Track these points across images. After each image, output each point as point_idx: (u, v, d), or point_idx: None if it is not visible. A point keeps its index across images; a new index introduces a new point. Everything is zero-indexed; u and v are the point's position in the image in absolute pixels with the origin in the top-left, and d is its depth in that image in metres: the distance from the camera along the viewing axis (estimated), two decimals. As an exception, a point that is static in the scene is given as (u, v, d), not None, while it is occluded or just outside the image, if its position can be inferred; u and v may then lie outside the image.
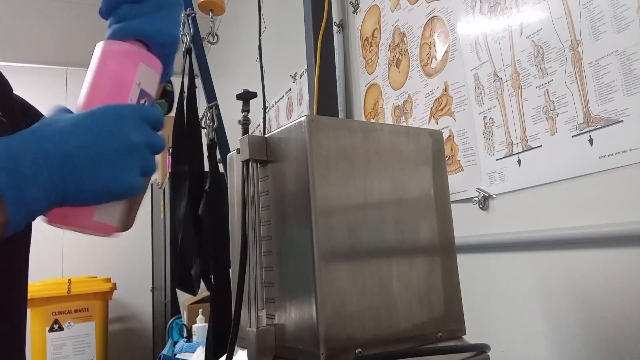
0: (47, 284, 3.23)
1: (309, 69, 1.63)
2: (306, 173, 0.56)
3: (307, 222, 0.56)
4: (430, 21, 1.30)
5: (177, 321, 2.49)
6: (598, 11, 0.84)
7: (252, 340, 0.58)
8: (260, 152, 0.63)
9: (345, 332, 0.55)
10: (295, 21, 1.99)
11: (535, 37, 0.96)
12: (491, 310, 1.08)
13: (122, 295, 3.66)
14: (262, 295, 0.63)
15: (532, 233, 0.97)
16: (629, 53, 0.79)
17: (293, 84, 2.21)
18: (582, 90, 0.87)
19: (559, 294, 0.93)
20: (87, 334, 3.23)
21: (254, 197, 0.63)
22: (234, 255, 0.72)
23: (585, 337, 0.89)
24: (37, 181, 0.41)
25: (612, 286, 0.84)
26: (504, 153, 1.04)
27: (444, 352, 0.61)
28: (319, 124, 0.58)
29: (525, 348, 1.00)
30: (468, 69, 1.15)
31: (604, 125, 0.83)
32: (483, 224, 1.10)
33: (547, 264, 0.96)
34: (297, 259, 0.58)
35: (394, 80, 1.46)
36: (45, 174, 0.42)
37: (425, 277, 0.64)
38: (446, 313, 0.65)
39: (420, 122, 1.33)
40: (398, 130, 0.67)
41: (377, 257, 0.60)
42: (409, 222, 0.64)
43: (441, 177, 0.69)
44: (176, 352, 2.03)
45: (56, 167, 0.42)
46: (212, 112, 1.55)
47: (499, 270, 1.07)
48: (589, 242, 0.87)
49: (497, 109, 1.07)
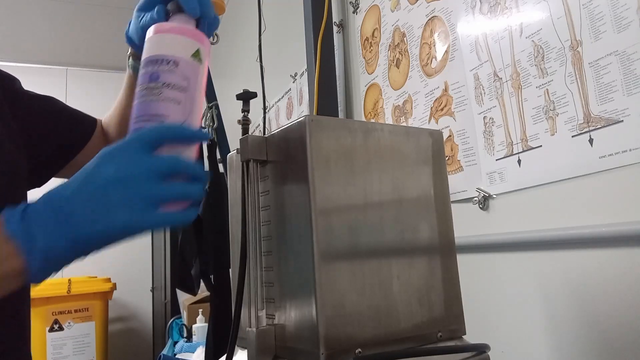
0: (47, 283, 3.22)
1: (309, 69, 1.63)
2: (306, 173, 0.56)
3: (307, 222, 0.56)
4: (430, 21, 1.30)
5: (177, 321, 2.49)
6: (598, 11, 0.84)
7: (252, 340, 0.58)
8: (260, 152, 0.63)
9: (345, 332, 0.55)
10: (295, 21, 1.98)
11: (535, 37, 0.96)
12: (491, 310, 1.08)
13: (122, 295, 3.65)
14: (262, 295, 0.63)
15: (532, 233, 0.97)
16: (629, 53, 0.79)
17: (293, 84, 2.21)
18: (582, 90, 0.87)
19: (559, 294, 0.93)
20: (87, 334, 3.23)
21: (254, 197, 0.63)
22: (234, 255, 0.72)
23: (585, 336, 0.89)
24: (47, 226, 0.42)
25: (612, 286, 0.84)
26: (504, 153, 1.04)
27: (444, 352, 0.61)
28: (319, 124, 0.58)
29: (525, 348, 1.00)
30: (468, 69, 1.15)
31: (604, 125, 0.83)
32: (483, 224, 1.10)
33: (547, 264, 0.96)
34: (297, 259, 0.58)
35: (394, 80, 1.46)
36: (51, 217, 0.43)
37: (425, 277, 0.64)
38: (446, 313, 0.65)
39: (420, 122, 1.33)
40: (398, 130, 0.67)
41: (377, 257, 0.60)
42: (409, 222, 0.64)
43: (441, 177, 0.69)
44: (176, 352, 2.03)
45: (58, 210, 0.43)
46: (212, 112, 1.56)
47: (499, 270, 1.07)
48: (589, 242, 0.87)
49: (497, 109, 1.07)
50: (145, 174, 0.44)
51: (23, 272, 0.42)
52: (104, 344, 3.31)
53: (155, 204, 0.44)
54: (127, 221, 0.43)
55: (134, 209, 0.43)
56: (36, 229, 0.42)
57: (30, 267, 0.42)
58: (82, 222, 0.43)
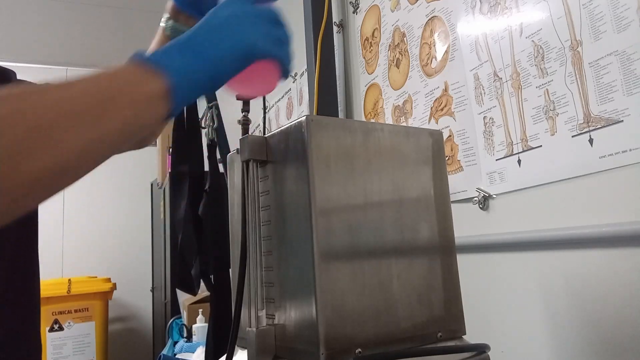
0: (47, 284, 3.22)
1: (309, 69, 1.63)
2: (306, 173, 0.56)
3: (307, 222, 0.56)
4: (430, 21, 1.30)
5: (177, 321, 2.49)
6: (598, 11, 0.84)
7: (252, 340, 0.58)
8: (260, 152, 0.63)
9: (345, 332, 0.55)
10: (295, 21, 1.98)
11: (535, 37, 0.96)
12: (491, 310, 1.08)
13: (122, 295, 3.65)
14: (262, 295, 0.62)
15: (532, 233, 0.97)
16: (629, 53, 0.79)
17: (293, 84, 2.21)
18: (582, 90, 0.87)
19: (559, 294, 0.93)
20: (87, 334, 3.23)
21: (254, 197, 0.63)
22: (234, 255, 0.72)
23: (585, 336, 0.89)
24: (180, 51, 0.48)
25: (612, 286, 0.84)
26: (504, 153, 1.04)
27: (444, 352, 0.61)
28: (319, 124, 0.58)
29: (525, 348, 1.00)
30: (468, 69, 1.15)
31: (604, 125, 0.83)
32: (483, 224, 1.10)
33: (547, 264, 0.96)
34: (297, 259, 0.58)
35: (394, 80, 1.46)
36: (182, 46, 0.49)
37: (425, 277, 0.64)
38: (446, 313, 0.65)
39: (420, 122, 1.33)
40: (398, 130, 0.67)
41: (377, 257, 0.60)
42: (409, 222, 0.64)
43: (441, 177, 0.69)
44: (176, 352, 2.03)
45: (186, 41, 0.49)
46: (212, 112, 1.55)
47: (499, 270, 1.07)
48: (589, 242, 0.87)
49: (497, 109, 1.07)
50: (255, 12, 0.54)
51: (167, 93, 0.45)
52: (104, 344, 3.31)
53: (265, 35, 0.53)
54: (246, 42, 0.51)
55: (250, 35, 0.51)
56: (172, 54, 0.47)
57: (173, 87, 0.45)
58: (210, 45, 0.49)
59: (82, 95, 0.41)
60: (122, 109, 0.43)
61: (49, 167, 0.38)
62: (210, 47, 0.49)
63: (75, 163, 0.40)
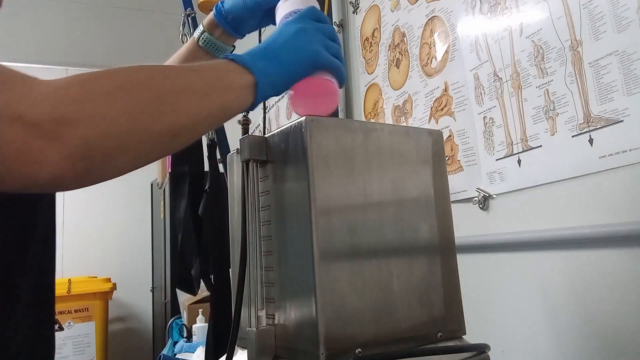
0: (47, 284, 3.22)
1: (309, 69, 1.62)
2: (306, 173, 0.56)
3: (307, 222, 0.56)
4: (430, 21, 1.30)
5: (177, 321, 2.49)
6: (598, 11, 0.84)
7: (252, 340, 0.58)
8: (260, 152, 0.63)
9: (345, 332, 0.55)
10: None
11: (535, 37, 0.96)
12: (491, 310, 1.08)
13: (122, 295, 3.65)
14: (262, 295, 0.62)
15: (532, 233, 0.97)
16: (629, 53, 0.79)
17: (293, 84, 2.20)
18: (582, 90, 0.87)
19: (559, 294, 0.93)
20: (87, 334, 3.23)
21: (254, 197, 0.63)
22: (234, 255, 0.72)
23: (585, 336, 0.89)
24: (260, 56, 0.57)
25: (612, 286, 0.84)
26: (504, 153, 1.04)
27: (444, 352, 0.61)
28: (319, 124, 0.58)
29: (525, 348, 1.00)
30: (468, 69, 1.15)
31: (604, 125, 0.83)
32: (483, 224, 1.10)
33: (547, 264, 0.96)
34: (297, 259, 0.58)
35: (394, 80, 1.46)
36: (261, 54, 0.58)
37: (425, 277, 0.64)
38: (446, 313, 0.65)
39: (420, 122, 1.33)
40: (398, 130, 0.67)
41: (377, 257, 0.60)
42: (408, 222, 0.64)
43: (441, 177, 0.69)
44: (176, 352, 2.03)
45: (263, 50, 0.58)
46: (212, 112, 1.55)
47: (499, 270, 1.07)
48: (589, 242, 0.87)
49: (497, 109, 1.07)
50: (318, 28, 0.61)
51: (253, 86, 0.54)
52: (104, 344, 3.31)
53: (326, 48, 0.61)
54: (312, 51, 0.59)
55: (315, 46, 0.60)
56: (255, 57, 0.56)
57: (257, 83, 0.54)
58: (285, 52, 0.58)
59: (195, 76, 0.51)
60: (223, 92, 0.53)
61: (167, 129, 0.47)
62: (285, 54, 0.58)
63: (186, 130, 0.49)
